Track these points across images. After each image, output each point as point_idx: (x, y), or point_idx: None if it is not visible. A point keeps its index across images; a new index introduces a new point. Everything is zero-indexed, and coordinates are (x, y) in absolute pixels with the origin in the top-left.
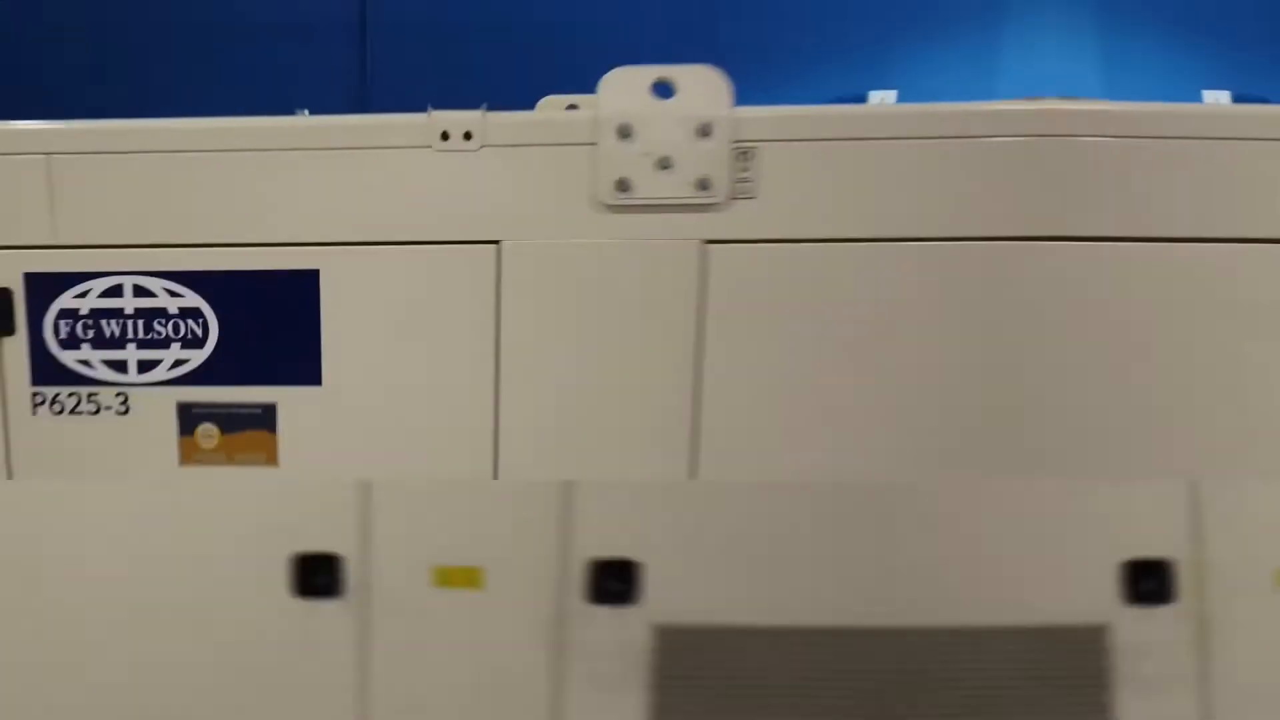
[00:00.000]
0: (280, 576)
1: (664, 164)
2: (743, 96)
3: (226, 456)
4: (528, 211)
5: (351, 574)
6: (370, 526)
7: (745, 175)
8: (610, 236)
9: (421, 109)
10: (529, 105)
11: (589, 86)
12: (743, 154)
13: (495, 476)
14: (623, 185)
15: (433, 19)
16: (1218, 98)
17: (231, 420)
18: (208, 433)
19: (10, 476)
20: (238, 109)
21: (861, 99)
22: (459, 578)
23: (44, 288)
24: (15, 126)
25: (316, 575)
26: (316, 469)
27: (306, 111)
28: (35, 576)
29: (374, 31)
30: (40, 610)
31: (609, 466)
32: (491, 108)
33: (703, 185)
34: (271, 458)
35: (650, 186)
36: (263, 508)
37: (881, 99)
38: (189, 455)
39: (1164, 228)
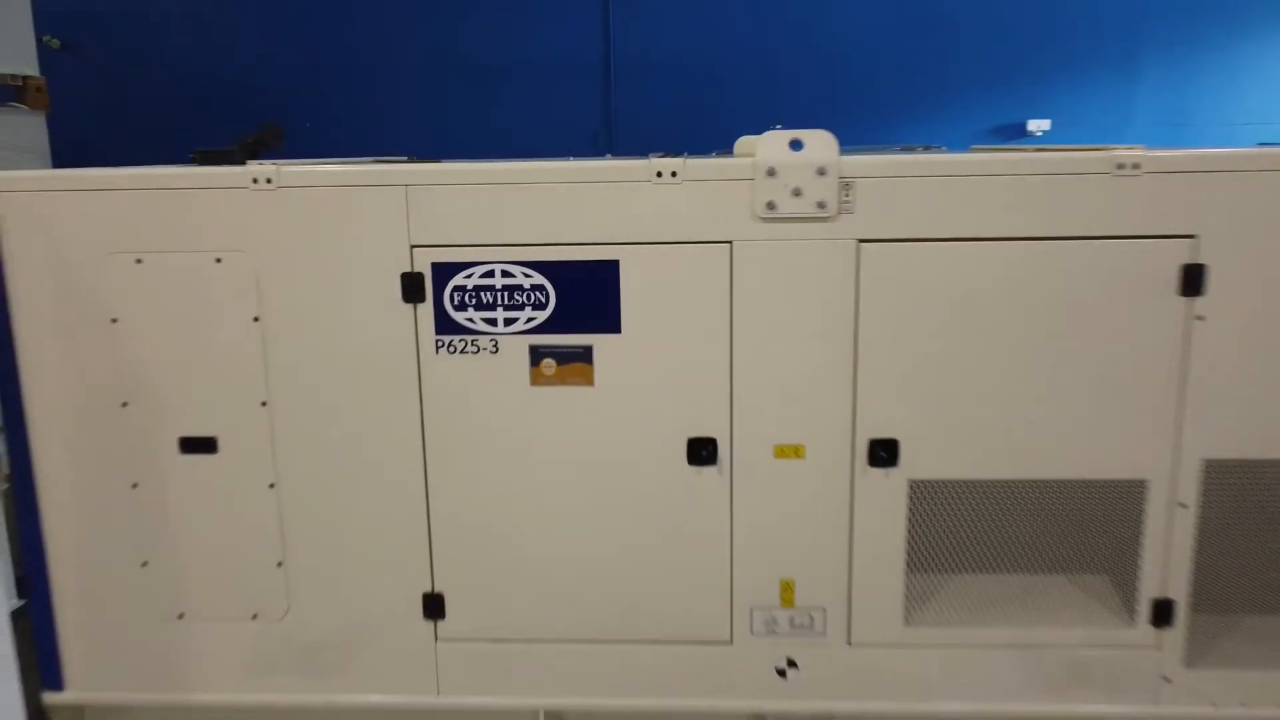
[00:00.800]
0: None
1: (796, 192)
2: (920, 122)
3: (560, 380)
4: (721, 225)
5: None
6: (735, 422)
7: (847, 199)
8: (760, 240)
9: (657, 137)
10: (744, 131)
11: (788, 115)
12: (846, 186)
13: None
14: (770, 206)
15: (670, 59)
16: (1040, 125)
17: (563, 356)
18: (548, 365)
19: (421, 395)
20: (498, 142)
21: (1022, 127)
22: (789, 452)
23: (444, 272)
24: (372, 170)
25: (702, 450)
26: (653, 394)
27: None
28: (461, 457)
29: (620, 72)
30: (475, 480)
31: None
32: (708, 139)
33: (821, 205)
34: (589, 381)
35: (788, 207)
36: (673, 407)
37: (1037, 127)
38: (536, 379)
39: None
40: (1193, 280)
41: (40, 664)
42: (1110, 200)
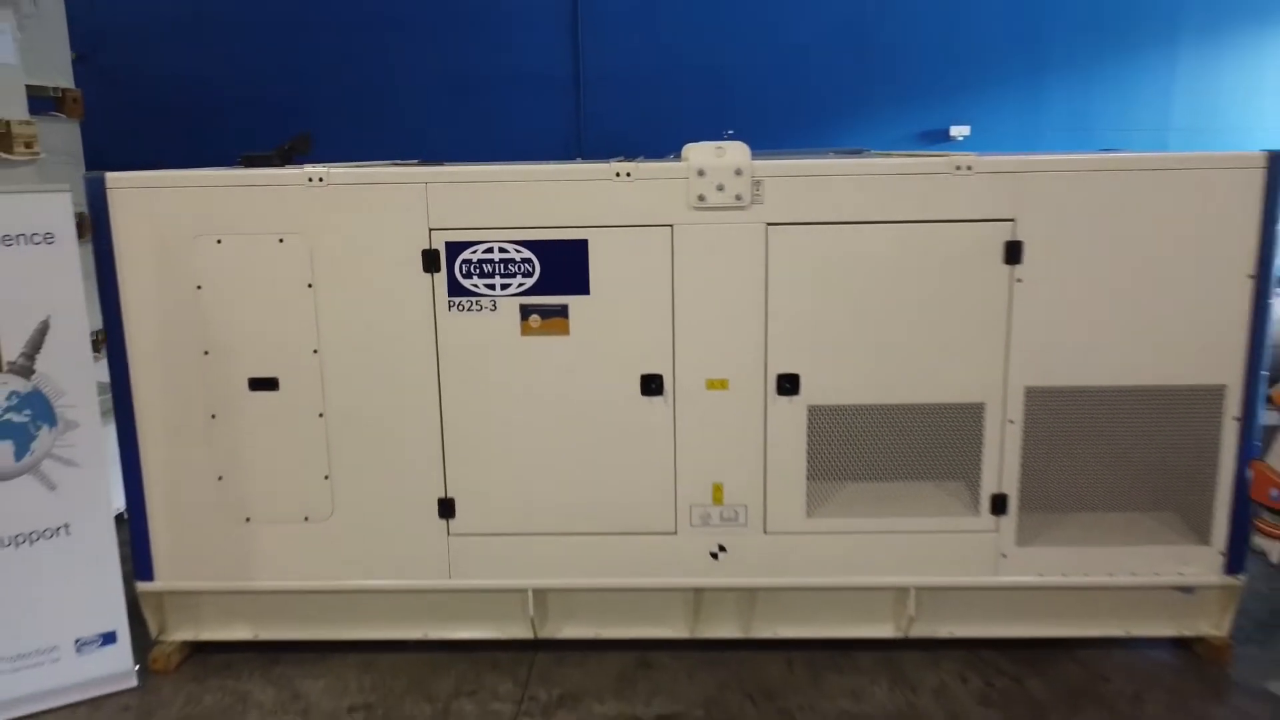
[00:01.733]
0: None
1: (720, 188)
2: (855, 128)
3: (543, 331)
4: (665, 213)
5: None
6: (677, 362)
7: (758, 193)
8: (694, 224)
9: (620, 142)
10: (699, 136)
11: (739, 122)
12: (757, 183)
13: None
14: (701, 198)
15: (632, 72)
16: (961, 130)
17: (546, 312)
18: (534, 319)
19: (437, 344)
20: (482, 145)
21: (946, 132)
22: (718, 385)
23: (454, 249)
24: (400, 171)
25: (651, 384)
26: (615, 341)
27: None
28: (468, 392)
29: (588, 84)
30: (478, 410)
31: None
32: (659, 144)
33: (738, 198)
34: (566, 331)
35: (714, 199)
36: (629, 351)
37: (958, 132)
38: (525, 331)
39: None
40: (1013, 253)
41: (135, 559)
42: (951, 193)
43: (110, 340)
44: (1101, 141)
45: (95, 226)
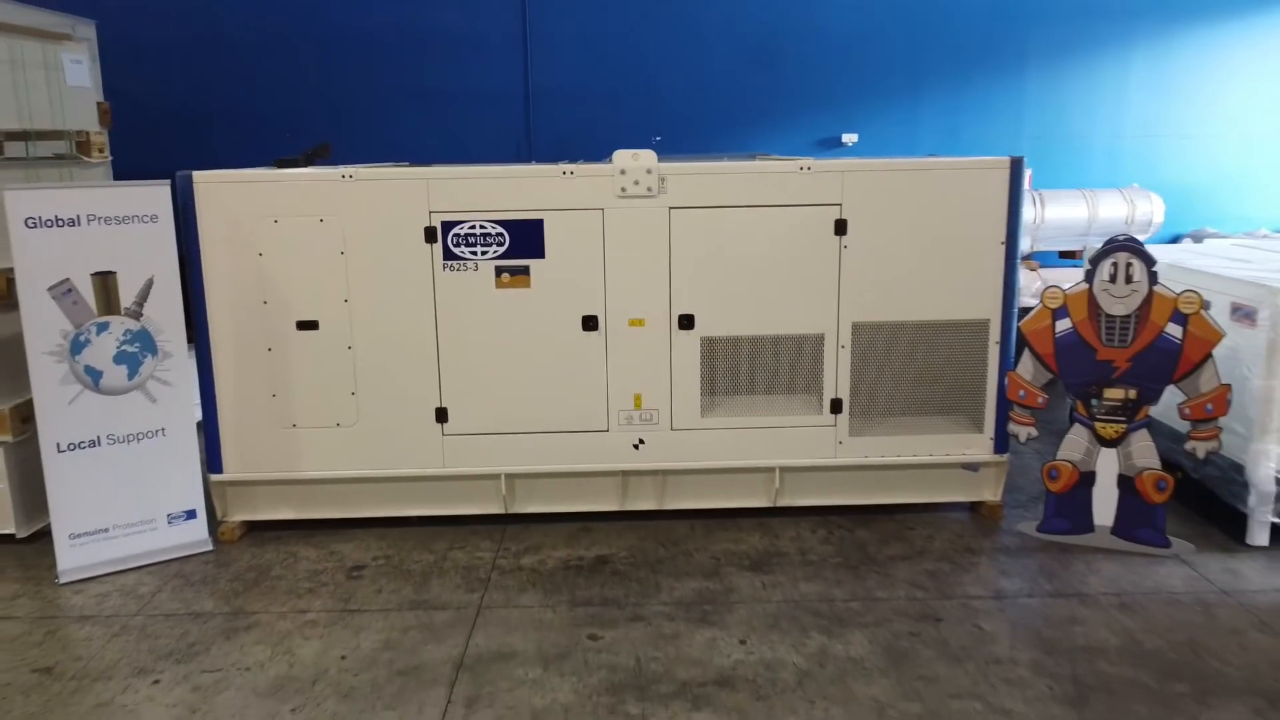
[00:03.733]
0: (577, 322)
1: (636, 183)
2: (763, 135)
3: (512, 285)
4: (598, 200)
5: (601, 322)
6: (608, 306)
7: (663, 186)
8: (618, 208)
9: (565, 147)
10: (632, 143)
11: (666, 128)
12: (662, 179)
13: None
14: (623, 190)
15: (573, 88)
16: (850, 137)
17: (513, 271)
18: (505, 277)
19: (435, 302)
20: (445, 151)
21: (838, 139)
22: (637, 323)
23: (448, 226)
24: (408, 170)
25: (590, 322)
26: (564, 292)
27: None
28: (457, 330)
29: (535, 98)
30: (465, 342)
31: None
32: (600, 147)
33: (649, 190)
34: (528, 285)
35: (632, 191)
36: (574, 299)
37: (848, 139)
38: (498, 285)
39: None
40: (841, 227)
41: (208, 456)
42: (797, 185)
43: (193, 293)
44: (968, 147)
45: (184, 210)
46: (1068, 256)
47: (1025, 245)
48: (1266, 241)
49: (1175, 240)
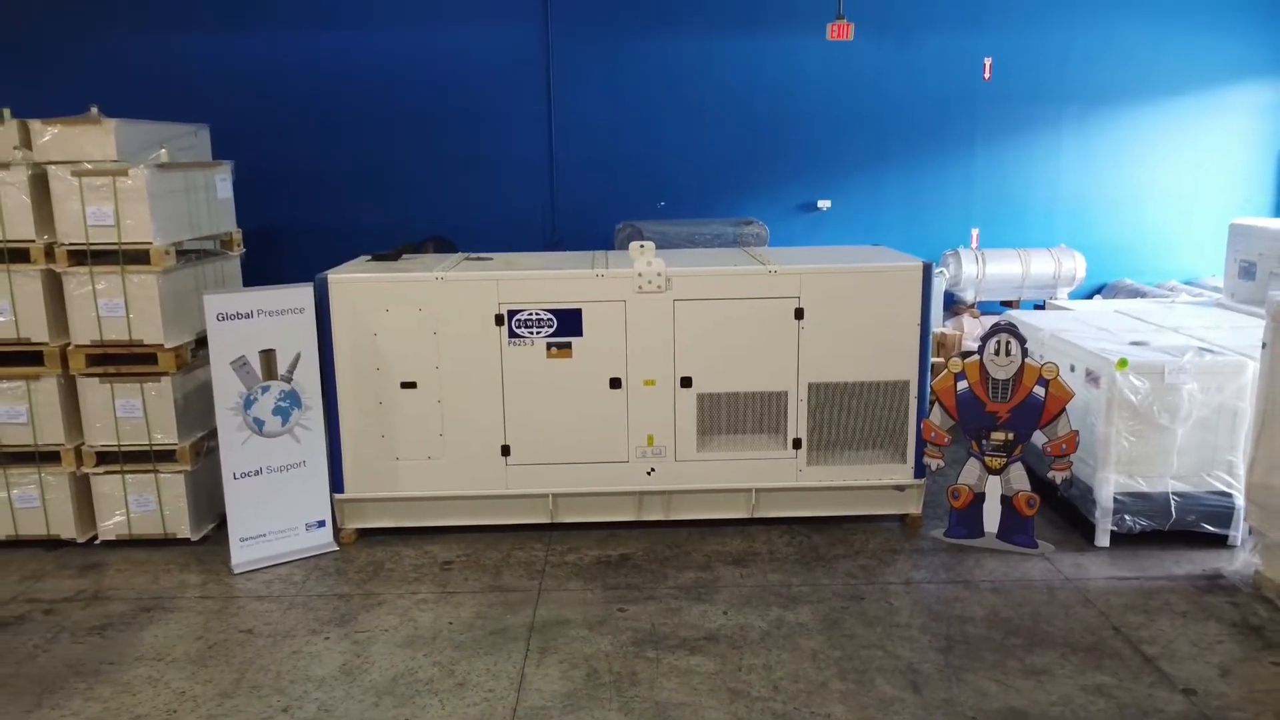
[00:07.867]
0: (606, 383)
1: (649, 281)
2: (753, 201)
3: (558, 356)
4: (621, 294)
5: (624, 382)
6: (629, 371)
7: (669, 284)
8: (637, 299)
9: (583, 210)
10: (641, 207)
11: (669, 194)
12: (669, 279)
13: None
14: (640, 286)
15: (591, 160)
16: (824, 203)
17: (560, 346)
18: (553, 351)
19: (503, 368)
20: (482, 213)
21: (814, 205)
22: (650, 383)
23: (512, 313)
24: (482, 273)
25: (615, 383)
26: (596, 360)
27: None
28: (518, 388)
29: (557, 167)
30: (523, 397)
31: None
32: (613, 212)
33: (659, 286)
34: (571, 356)
35: (647, 287)
36: (604, 366)
37: (823, 204)
38: (549, 356)
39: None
40: (799, 313)
41: (333, 480)
42: (767, 284)
43: (326, 362)
44: (928, 213)
45: (319, 302)
46: (1008, 305)
47: (969, 296)
48: (1153, 299)
49: (1100, 289)
